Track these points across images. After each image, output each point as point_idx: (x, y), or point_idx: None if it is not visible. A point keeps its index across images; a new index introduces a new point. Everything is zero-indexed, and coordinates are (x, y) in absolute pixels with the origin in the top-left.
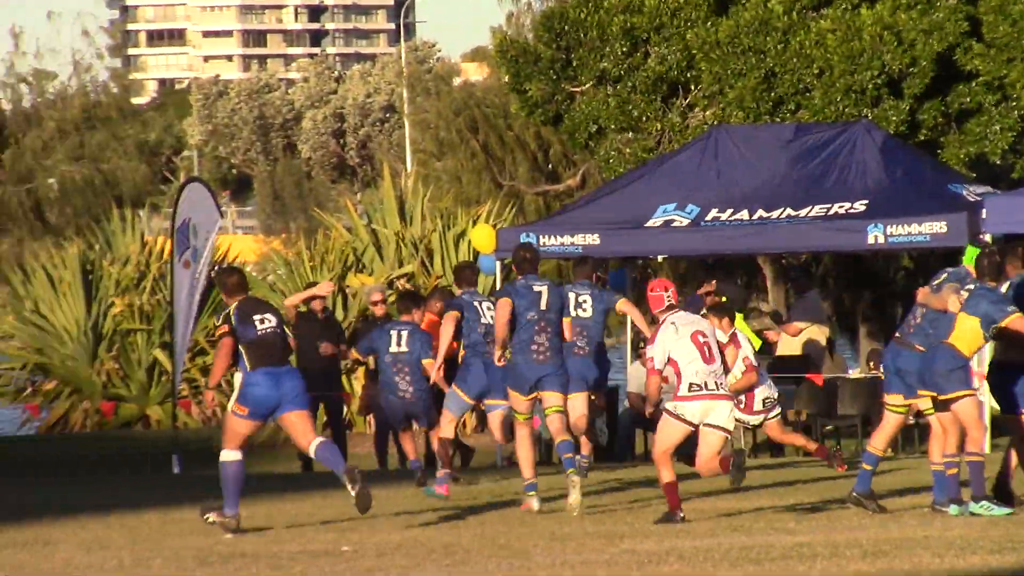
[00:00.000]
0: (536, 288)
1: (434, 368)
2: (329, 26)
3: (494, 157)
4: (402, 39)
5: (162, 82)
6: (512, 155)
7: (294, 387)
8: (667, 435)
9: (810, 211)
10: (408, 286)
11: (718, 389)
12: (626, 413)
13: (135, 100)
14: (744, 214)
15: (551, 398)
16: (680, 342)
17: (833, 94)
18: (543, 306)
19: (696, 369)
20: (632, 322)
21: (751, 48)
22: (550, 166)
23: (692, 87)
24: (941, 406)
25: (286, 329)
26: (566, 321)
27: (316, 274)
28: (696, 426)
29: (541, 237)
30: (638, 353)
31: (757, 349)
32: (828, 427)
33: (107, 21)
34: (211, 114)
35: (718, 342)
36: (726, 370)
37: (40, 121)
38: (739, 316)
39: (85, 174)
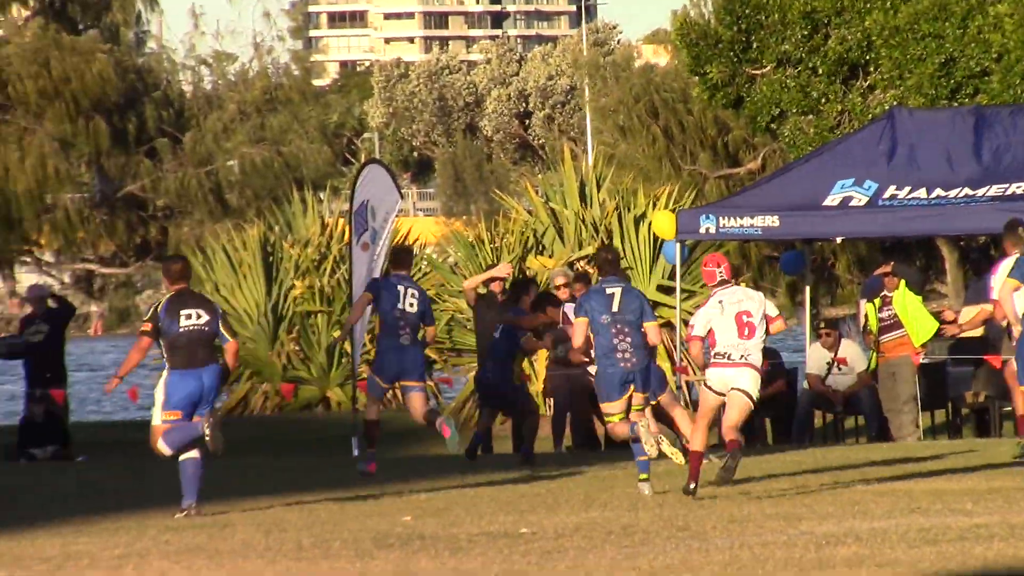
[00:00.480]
0: (609, 291)
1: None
2: (510, 8)
3: (674, 142)
4: (583, 22)
5: (343, 64)
6: (692, 140)
7: (212, 387)
8: (701, 403)
9: (988, 191)
10: (588, 268)
11: (742, 360)
12: (805, 394)
13: (316, 82)
14: (922, 192)
15: (636, 399)
16: (722, 318)
17: (1012, 78)
18: (615, 308)
19: (729, 342)
20: (808, 304)
21: (930, 34)
22: (729, 150)
23: (872, 69)
24: None
25: (220, 326)
26: (649, 326)
27: (497, 256)
28: (723, 394)
29: (720, 219)
30: (817, 334)
31: (933, 332)
32: (1006, 409)
33: (288, 3)
34: (392, 96)
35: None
36: None
37: (221, 103)
38: (918, 298)
39: (265, 156)
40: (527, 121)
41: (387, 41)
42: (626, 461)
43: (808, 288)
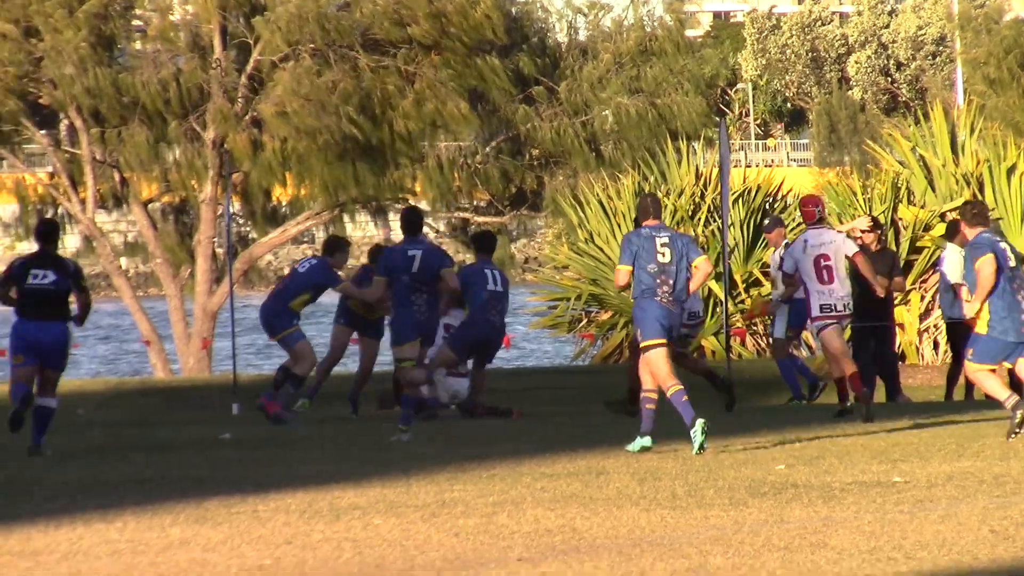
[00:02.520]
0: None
1: None
2: None
3: None
4: None
5: (716, 15)
6: None
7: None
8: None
9: None
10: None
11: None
12: None
13: (690, 33)
14: None
15: None
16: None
17: None
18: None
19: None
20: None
21: None
22: None
23: None
24: None
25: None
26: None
27: (869, 206)
28: None
29: None
30: None
31: None
32: None
33: None
34: (764, 48)
35: None
36: None
37: (596, 54)
38: None
39: (640, 107)
40: (893, 76)
41: None
42: (997, 411)
43: None
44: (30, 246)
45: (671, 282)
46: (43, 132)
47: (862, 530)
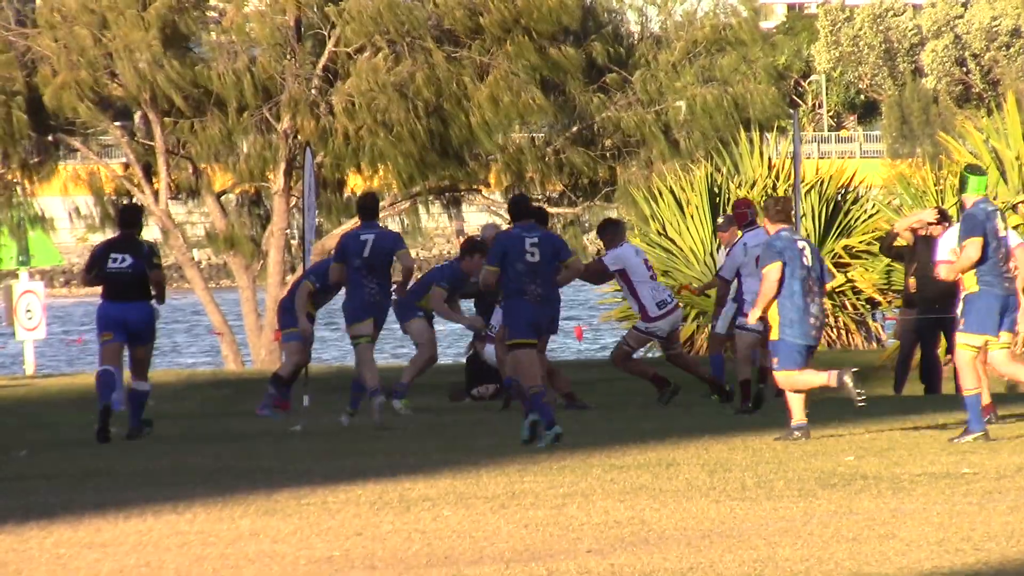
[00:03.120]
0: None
1: None
2: None
3: None
4: None
5: (791, 6)
6: None
7: None
8: None
9: None
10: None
11: None
12: None
13: (764, 24)
14: None
15: None
16: None
17: None
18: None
19: None
20: None
21: None
22: None
23: None
24: None
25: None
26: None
27: (941, 198)
28: None
29: None
30: None
31: None
32: None
33: None
34: (837, 39)
35: None
36: None
37: (669, 43)
38: None
39: (714, 96)
40: (971, 64)
41: None
42: None
43: None
44: (104, 236)
45: (539, 282)
46: (117, 124)
47: (931, 521)
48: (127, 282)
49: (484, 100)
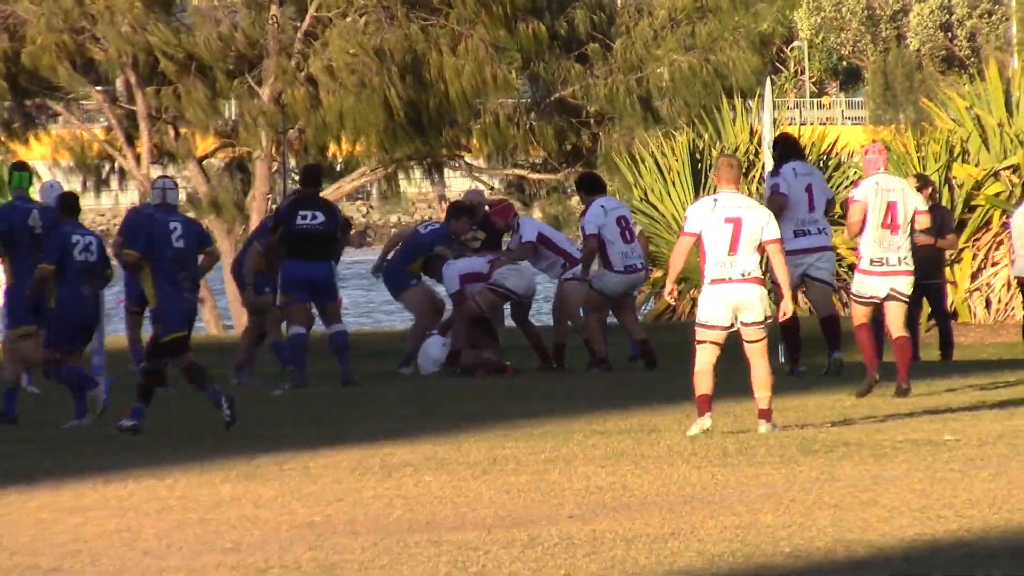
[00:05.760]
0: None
1: None
2: None
3: None
4: None
5: None
6: None
7: None
8: None
9: None
10: (1014, 179)
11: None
12: None
13: None
14: None
15: None
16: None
17: None
18: None
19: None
20: None
21: None
22: None
23: None
24: None
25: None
26: None
27: (923, 164)
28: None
29: None
30: None
31: None
32: None
33: None
34: (820, 5)
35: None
36: None
37: (651, 10)
38: None
39: (695, 64)
40: (950, 33)
41: None
42: None
43: None
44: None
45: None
46: (99, 88)
47: (913, 488)
48: (316, 239)
49: (451, 72)
